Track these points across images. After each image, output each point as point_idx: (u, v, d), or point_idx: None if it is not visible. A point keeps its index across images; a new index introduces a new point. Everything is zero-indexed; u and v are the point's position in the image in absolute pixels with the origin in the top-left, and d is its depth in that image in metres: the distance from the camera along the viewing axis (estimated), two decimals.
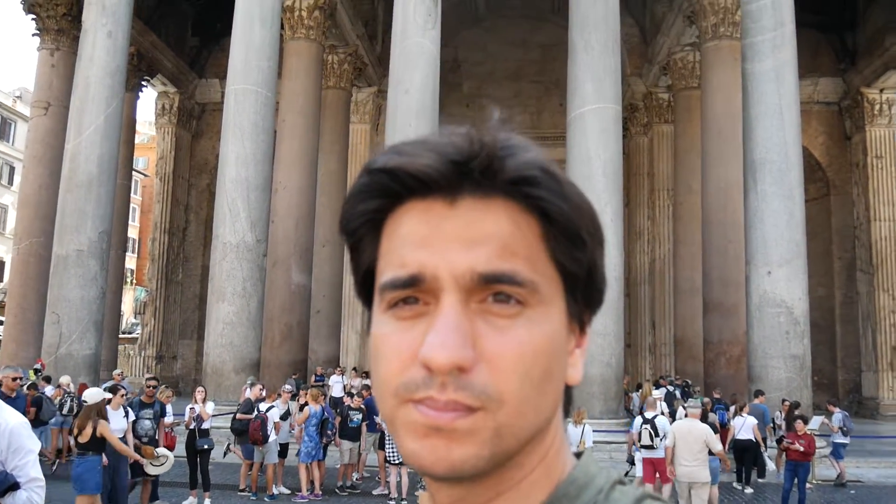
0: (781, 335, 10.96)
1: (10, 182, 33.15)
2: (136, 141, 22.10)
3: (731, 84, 13.36)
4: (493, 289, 0.67)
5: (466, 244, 0.67)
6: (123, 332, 26.91)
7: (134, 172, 28.57)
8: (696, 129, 15.39)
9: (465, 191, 0.68)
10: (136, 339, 22.50)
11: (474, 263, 0.66)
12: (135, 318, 36.09)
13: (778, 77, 10.98)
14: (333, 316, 17.58)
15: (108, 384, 9.79)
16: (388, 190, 0.69)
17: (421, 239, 0.69)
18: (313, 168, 16.15)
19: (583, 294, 0.74)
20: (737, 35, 12.98)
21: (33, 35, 15.64)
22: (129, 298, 37.13)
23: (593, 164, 11.59)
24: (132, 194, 26.87)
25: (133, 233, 37.97)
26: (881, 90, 17.80)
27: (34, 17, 15.46)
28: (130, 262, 37.05)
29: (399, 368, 0.67)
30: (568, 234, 0.70)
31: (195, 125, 21.34)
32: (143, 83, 19.10)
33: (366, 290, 0.74)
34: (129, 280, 36.62)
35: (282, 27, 13.93)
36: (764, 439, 10.24)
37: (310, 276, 15.78)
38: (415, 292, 0.68)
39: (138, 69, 18.06)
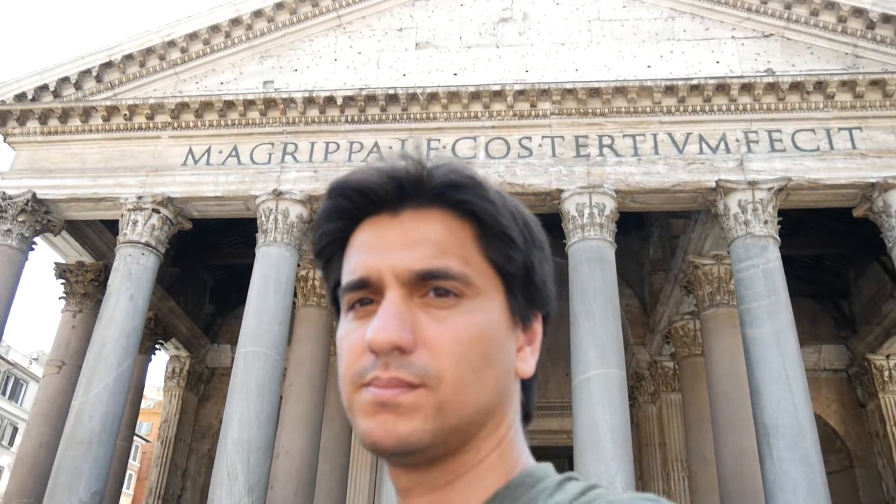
0: None
1: (11, 443, 32.56)
2: (143, 405, 22.04)
3: (733, 349, 13.51)
4: (431, 284, 0.77)
5: (405, 247, 0.78)
6: None
7: (135, 437, 28.05)
8: (703, 397, 15.26)
9: (407, 205, 0.80)
10: None
11: (411, 262, 0.77)
12: None
13: (779, 342, 11.14)
14: None
15: None
16: (345, 211, 0.83)
17: (368, 247, 0.80)
18: (317, 433, 15.85)
19: (523, 292, 0.83)
20: (733, 303, 13.41)
21: (59, 298, 16.35)
22: None
23: (601, 429, 11.34)
24: (130, 460, 26.15)
25: (126, 501, 36.28)
26: (887, 356, 17.89)
27: (63, 281, 16.31)
28: None
29: (353, 360, 0.76)
30: (497, 233, 0.80)
31: (203, 389, 21.41)
32: (157, 347, 19.53)
33: (336, 303, 0.85)
34: None
35: (295, 295, 14.54)
36: None
37: None
38: (366, 294, 0.79)
39: (154, 333, 18.58)
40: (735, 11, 14.11)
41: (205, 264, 20.24)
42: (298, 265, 14.56)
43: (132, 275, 13.70)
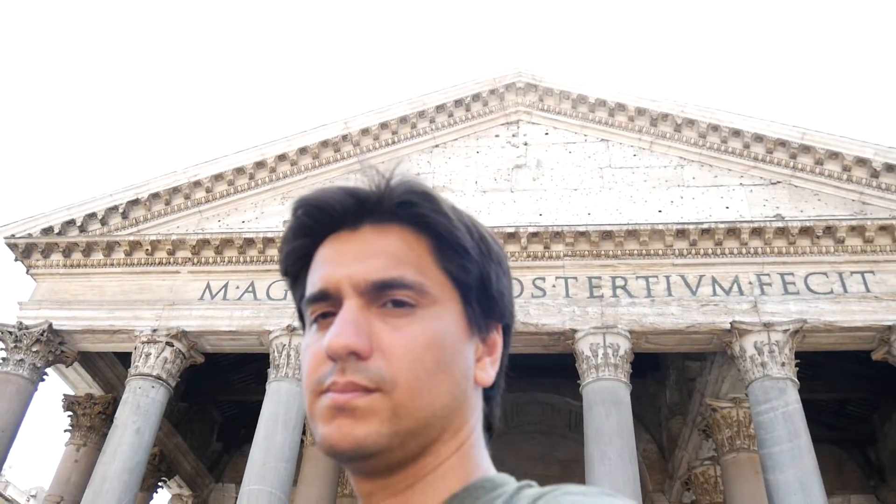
0: None
1: None
2: None
3: (756, 496, 12.93)
4: (388, 295, 0.79)
5: (362, 259, 0.81)
6: None
7: None
8: None
9: (367, 222, 0.84)
10: None
11: (367, 273, 0.80)
12: None
13: (804, 488, 10.67)
14: None
15: None
16: (308, 228, 0.86)
17: (328, 261, 0.83)
18: None
19: (479, 302, 0.86)
20: (754, 447, 12.98)
21: (65, 431, 16.07)
22: None
23: None
24: None
25: None
26: None
27: (71, 413, 16.10)
28: None
29: (314, 368, 0.78)
30: (453, 245, 0.84)
31: None
32: (160, 484, 18.94)
33: (303, 320, 0.87)
34: None
35: (304, 433, 14.26)
36: None
37: None
38: (327, 307, 0.82)
39: (158, 469, 18.07)
40: (742, 160, 14.62)
41: (214, 400, 19.97)
42: None
43: (140, 407, 13.53)
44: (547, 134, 15.77)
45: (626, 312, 12.96)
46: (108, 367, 16.18)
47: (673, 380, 18.16)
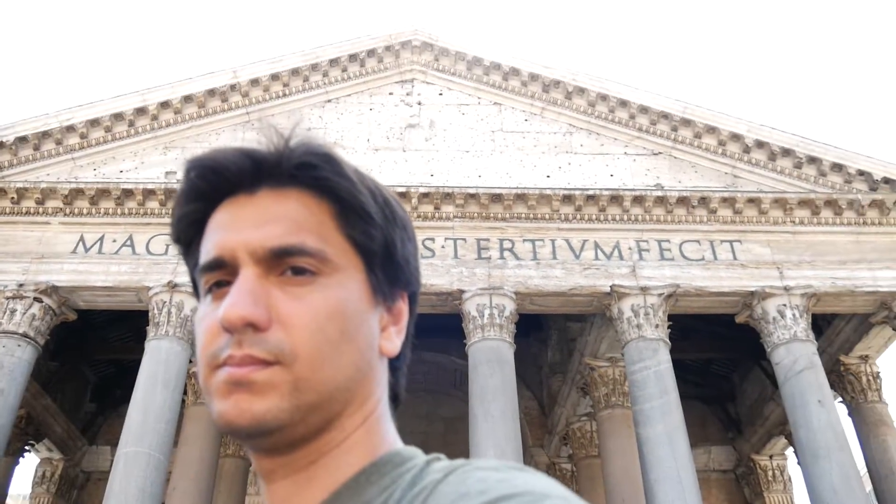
0: None
1: None
2: None
3: (627, 450, 13.72)
4: (287, 262, 0.75)
5: (259, 225, 0.76)
6: None
7: None
8: (601, 497, 15.28)
9: (264, 185, 0.78)
10: None
11: (265, 240, 0.75)
12: None
13: (671, 441, 11.41)
14: None
15: None
16: (202, 192, 0.81)
17: (223, 226, 0.78)
18: None
19: (384, 270, 0.82)
20: (628, 404, 13.72)
21: None
22: None
23: None
24: None
25: None
26: (770, 456, 18.58)
27: None
28: None
29: (209, 341, 0.73)
30: (356, 211, 0.80)
31: (76, 495, 19.67)
32: (27, 448, 17.97)
33: (196, 289, 0.82)
34: None
35: (185, 392, 13.88)
36: None
37: None
38: (222, 275, 0.77)
39: (25, 433, 17.12)
40: (627, 130, 15.15)
41: (88, 359, 19.03)
42: (191, 361, 13.95)
43: (4, 367, 12.71)
44: (441, 94, 15.74)
45: (512, 274, 13.28)
46: None
47: (554, 340, 18.85)
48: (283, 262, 0.75)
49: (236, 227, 0.77)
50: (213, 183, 0.79)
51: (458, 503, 0.61)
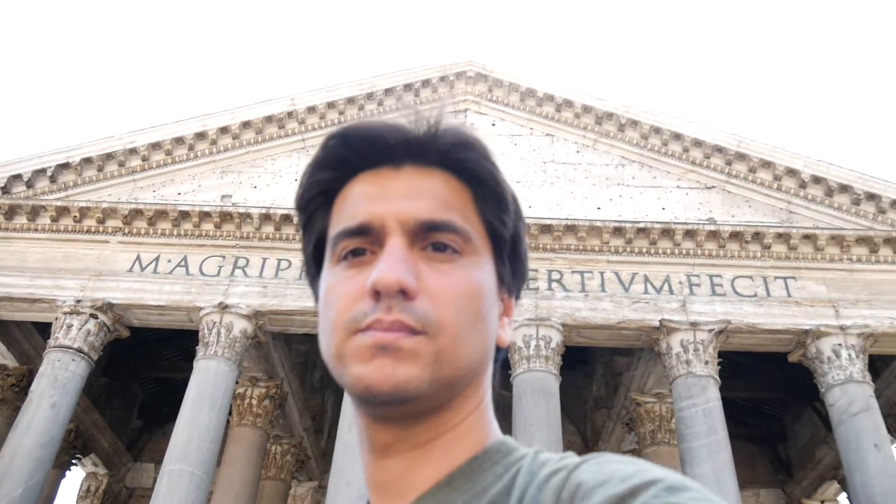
0: None
1: None
2: None
3: None
4: (433, 237, 0.77)
5: (410, 197, 0.78)
6: None
7: None
8: None
9: (409, 161, 0.80)
10: None
11: (416, 212, 0.77)
12: None
13: (718, 481, 11.10)
14: None
15: None
16: (342, 160, 0.82)
17: (370, 196, 0.79)
18: None
19: (510, 258, 0.85)
20: (674, 441, 13.42)
21: None
22: None
23: None
24: None
25: None
26: (822, 501, 17.95)
27: None
28: None
29: (348, 305, 0.74)
30: (495, 196, 0.82)
31: None
32: (74, 462, 18.31)
33: (315, 259, 0.83)
34: None
35: (230, 413, 14.01)
36: None
37: None
38: (363, 242, 0.78)
39: (73, 446, 17.45)
40: (680, 164, 15.02)
41: (138, 376, 19.39)
42: (237, 382, 14.11)
43: (58, 381, 13.01)
44: (493, 125, 15.85)
45: (559, 306, 13.18)
46: (25, 338, 15.49)
47: (600, 374, 18.58)
48: (428, 237, 0.77)
49: (386, 198, 0.78)
50: (360, 151, 0.81)
51: (600, 490, 0.62)
